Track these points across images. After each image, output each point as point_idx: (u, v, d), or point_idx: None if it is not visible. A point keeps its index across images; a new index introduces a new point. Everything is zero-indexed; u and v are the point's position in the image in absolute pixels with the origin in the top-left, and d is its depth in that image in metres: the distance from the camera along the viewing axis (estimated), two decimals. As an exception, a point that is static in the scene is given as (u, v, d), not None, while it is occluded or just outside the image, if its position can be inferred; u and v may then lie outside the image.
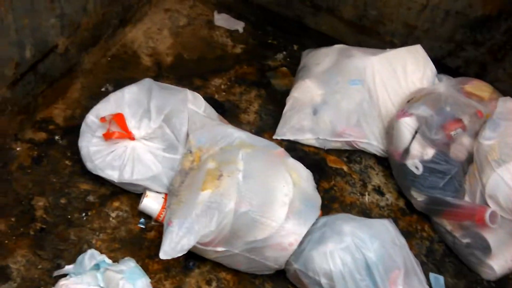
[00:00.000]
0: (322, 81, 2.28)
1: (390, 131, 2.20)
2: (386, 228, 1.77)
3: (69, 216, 1.77)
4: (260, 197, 1.66)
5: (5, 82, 1.70)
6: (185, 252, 1.56)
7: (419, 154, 2.08)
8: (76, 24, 2.02)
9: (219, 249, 1.68)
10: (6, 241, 1.65)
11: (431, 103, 2.07)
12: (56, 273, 1.62)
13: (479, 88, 2.15)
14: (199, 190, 1.64)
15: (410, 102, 2.14)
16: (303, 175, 1.88)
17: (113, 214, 1.83)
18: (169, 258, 1.55)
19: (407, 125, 2.09)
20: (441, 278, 1.95)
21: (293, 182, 1.77)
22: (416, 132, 2.08)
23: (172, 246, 1.56)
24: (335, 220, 1.80)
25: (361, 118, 2.22)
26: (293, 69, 2.51)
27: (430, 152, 2.05)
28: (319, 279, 1.68)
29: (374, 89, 2.20)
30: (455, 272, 1.99)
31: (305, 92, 2.29)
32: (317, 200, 1.85)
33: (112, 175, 1.81)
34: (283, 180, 1.75)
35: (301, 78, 2.35)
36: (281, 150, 1.92)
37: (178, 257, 1.58)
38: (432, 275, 1.95)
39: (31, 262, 1.64)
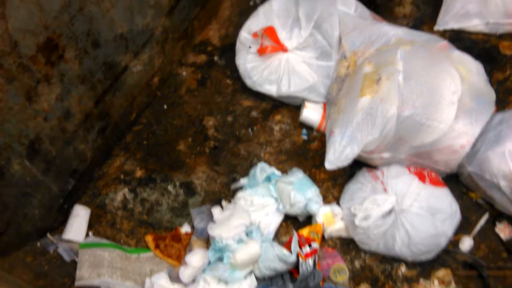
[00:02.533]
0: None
1: None
2: None
3: (237, 133, 1.90)
4: (424, 98, 1.55)
5: (163, 11, 1.79)
6: (350, 161, 1.55)
7: None
8: None
9: (385, 155, 1.65)
10: (187, 160, 1.84)
11: None
12: (233, 187, 1.77)
13: None
14: (357, 97, 1.59)
15: None
16: (472, 68, 1.70)
17: (277, 128, 1.90)
18: (334, 167, 1.56)
19: None
20: None
21: (460, 77, 1.61)
22: None
23: (336, 156, 1.56)
24: (514, 115, 1.63)
25: (544, -10, 1.89)
26: None
27: None
28: (498, 182, 1.56)
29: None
30: None
31: (469, -30, 2.00)
32: (491, 94, 1.67)
33: (271, 89, 1.86)
34: (449, 76, 1.60)
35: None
36: (444, 42, 1.74)
37: (344, 166, 1.57)
38: None
39: (210, 177, 1.81)
